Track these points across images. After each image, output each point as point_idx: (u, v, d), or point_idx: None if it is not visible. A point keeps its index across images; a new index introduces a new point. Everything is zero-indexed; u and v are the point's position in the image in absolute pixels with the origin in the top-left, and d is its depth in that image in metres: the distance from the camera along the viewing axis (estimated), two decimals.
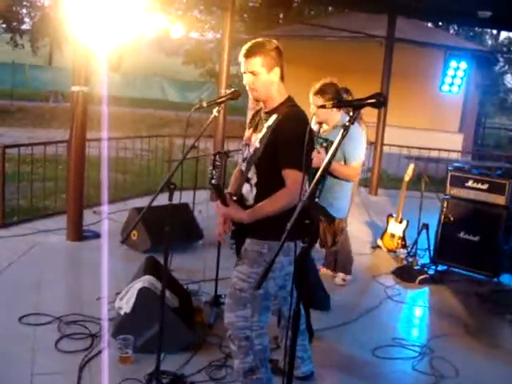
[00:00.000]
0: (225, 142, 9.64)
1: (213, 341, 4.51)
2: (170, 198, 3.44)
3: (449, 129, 17.07)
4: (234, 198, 3.41)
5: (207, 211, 6.79)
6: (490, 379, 4.46)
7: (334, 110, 4.98)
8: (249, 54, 3.29)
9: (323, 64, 17.08)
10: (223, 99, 3.61)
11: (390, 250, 7.42)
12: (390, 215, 7.51)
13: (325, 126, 5.20)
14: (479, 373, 4.51)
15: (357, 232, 8.39)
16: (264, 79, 3.31)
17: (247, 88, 3.39)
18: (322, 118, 5.06)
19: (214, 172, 3.89)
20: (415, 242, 6.98)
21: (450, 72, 12.21)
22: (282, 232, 2.70)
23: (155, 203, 3.51)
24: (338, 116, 5.12)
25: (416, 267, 6.74)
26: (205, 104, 3.54)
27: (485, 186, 6.55)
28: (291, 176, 3.13)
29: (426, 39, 17.71)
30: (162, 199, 3.50)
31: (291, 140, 3.13)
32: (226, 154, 5.23)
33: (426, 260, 7.02)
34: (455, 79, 12.18)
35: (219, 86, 9.51)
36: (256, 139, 3.35)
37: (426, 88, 16.51)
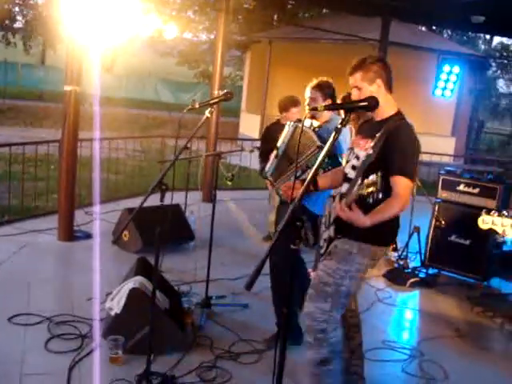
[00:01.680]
0: (217, 143, 9.64)
1: (203, 342, 4.51)
2: (162, 199, 3.43)
3: (441, 133, 17.12)
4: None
5: (199, 212, 6.79)
6: (479, 382, 4.47)
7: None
8: (351, 71, 3.49)
9: (316, 66, 17.07)
10: (215, 100, 3.62)
11: None
12: None
13: (315, 123, 5.18)
14: (468, 376, 4.53)
15: None
16: (367, 92, 3.41)
17: None
18: (313, 113, 5.03)
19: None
20: (406, 245, 7.00)
21: (443, 76, 12.28)
22: (376, 237, 3.39)
23: (147, 204, 3.51)
24: (329, 114, 5.08)
25: (407, 270, 6.76)
26: (197, 105, 3.55)
27: (476, 190, 6.57)
28: (402, 183, 3.28)
29: (419, 43, 17.78)
30: (154, 200, 3.50)
31: (404, 149, 3.33)
32: (218, 155, 5.24)
33: (417, 263, 7.03)
34: (448, 83, 12.24)
35: (212, 87, 9.51)
36: (367, 146, 3.43)
37: (419, 92, 16.55)
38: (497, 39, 39.93)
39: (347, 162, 3.63)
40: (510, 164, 12.83)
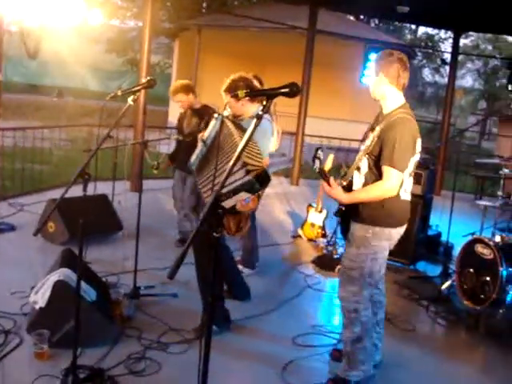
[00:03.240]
0: (146, 131, 9.51)
1: (132, 333, 4.45)
2: (85, 189, 3.35)
3: (370, 120, 17.15)
4: (344, 183, 3.90)
5: (126, 202, 6.68)
6: (409, 363, 4.58)
7: (249, 102, 4.86)
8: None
9: (246, 54, 17.15)
10: (138, 88, 3.55)
11: (310, 240, 7.52)
12: (310, 205, 7.61)
13: None
14: (399, 357, 4.63)
15: (277, 222, 8.47)
16: (373, 82, 3.86)
17: None
18: (238, 111, 4.97)
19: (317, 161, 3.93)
20: (335, 232, 7.08)
21: (370, 64, 12.43)
22: (386, 219, 3.75)
23: (74, 194, 3.42)
24: (254, 109, 4.99)
25: (336, 256, 6.84)
26: (120, 93, 3.48)
27: None
28: (388, 173, 3.63)
29: (346, 32, 18.03)
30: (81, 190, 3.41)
31: (394, 143, 3.61)
32: (144, 144, 5.16)
33: None
34: None
35: (140, 75, 9.35)
36: (370, 137, 3.82)
37: (347, 79, 16.79)
38: (422, 29, 40.88)
39: (359, 151, 3.96)
40: (436, 150, 13.15)
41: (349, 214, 3.89)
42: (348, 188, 3.90)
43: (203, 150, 4.54)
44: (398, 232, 3.90)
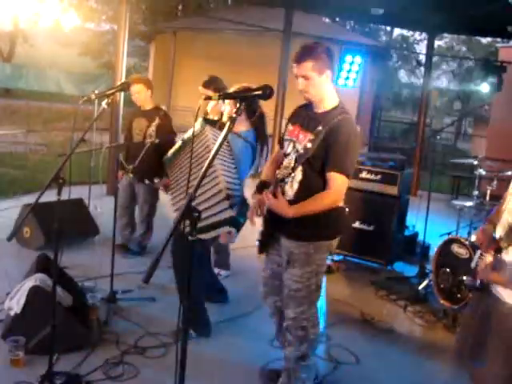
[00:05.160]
0: (121, 135, 9.46)
1: (109, 338, 4.42)
2: (59, 193, 3.33)
3: None
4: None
5: (102, 206, 6.64)
6: (388, 363, 4.62)
7: (224, 103, 4.78)
8: (299, 59, 3.36)
9: (222, 56, 17.13)
10: (112, 91, 3.54)
11: None
12: None
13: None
14: (377, 358, 4.66)
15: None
16: (316, 83, 3.39)
17: (300, 91, 3.47)
18: (216, 113, 4.96)
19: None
20: None
21: (346, 66, 12.50)
22: (324, 233, 3.48)
23: (50, 199, 3.38)
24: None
25: None
26: (93, 96, 3.46)
27: (378, 177, 6.74)
28: (337, 180, 3.33)
29: (322, 34, 18.06)
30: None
31: (343, 147, 3.31)
32: (118, 147, 5.12)
33: None
34: (350, 73, 12.48)
35: (115, 78, 9.30)
36: (306, 139, 3.41)
37: None
38: (397, 31, 41.13)
39: (288, 154, 3.56)
40: (412, 151, 13.26)
41: (278, 230, 3.57)
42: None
43: (179, 149, 4.52)
44: (336, 241, 3.71)
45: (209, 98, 2.45)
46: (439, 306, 5.62)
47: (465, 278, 5.00)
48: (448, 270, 5.53)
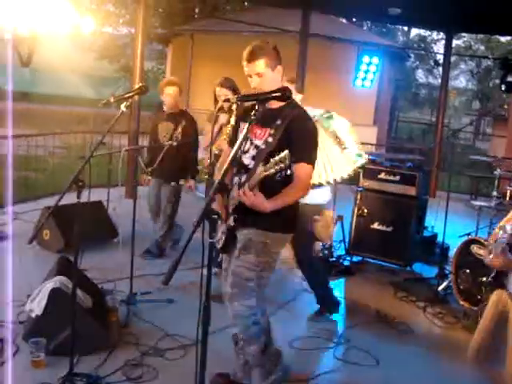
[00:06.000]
0: (140, 137, 9.51)
1: (129, 340, 4.44)
2: (79, 196, 3.35)
3: (363, 122, 17.43)
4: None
5: (121, 208, 6.67)
6: (408, 364, 4.59)
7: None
8: (252, 58, 3.41)
9: (239, 59, 17.08)
10: (130, 94, 3.57)
11: None
12: None
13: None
14: (397, 360, 4.63)
15: None
16: (269, 79, 3.41)
17: (254, 89, 3.42)
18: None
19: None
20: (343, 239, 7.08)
21: (363, 67, 12.49)
22: (284, 225, 3.49)
23: (69, 201, 3.41)
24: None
25: (332, 259, 6.85)
26: (112, 99, 3.48)
27: (396, 178, 6.72)
28: (304, 169, 3.37)
29: (339, 35, 18.04)
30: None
31: (305, 137, 3.38)
32: (138, 150, 5.16)
33: (341, 252, 7.13)
34: (368, 74, 12.47)
35: (133, 81, 9.36)
36: (267, 134, 3.40)
37: (341, 82, 16.81)
38: (414, 31, 40.97)
39: (245, 152, 3.53)
40: (431, 151, 13.18)
41: (241, 224, 3.53)
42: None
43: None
44: (289, 238, 3.72)
45: (227, 101, 2.46)
46: (459, 307, 5.59)
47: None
48: (468, 270, 5.50)
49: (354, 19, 28.12)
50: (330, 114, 4.99)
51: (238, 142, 3.04)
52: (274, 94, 2.30)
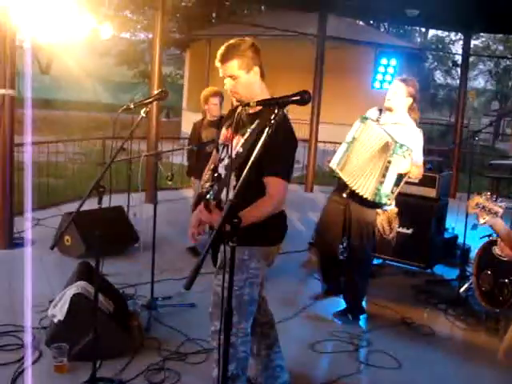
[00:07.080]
0: (159, 143, 9.56)
1: (150, 344, 4.46)
2: (100, 202, 3.38)
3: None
4: (213, 202, 3.18)
5: (141, 214, 6.70)
6: (429, 366, 4.56)
7: None
8: (224, 59, 3.19)
9: None
10: (150, 100, 3.58)
11: None
12: None
13: (389, 118, 5.38)
14: (419, 362, 4.61)
15: (293, 229, 8.43)
16: (244, 81, 3.20)
17: (229, 92, 3.28)
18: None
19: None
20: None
21: (381, 69, 12.46)
22: (260, 238, 3.16)
23: (90, 207, 3.44)
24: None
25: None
26: (132, 105, 3.50)
27: (416, 180, 6.67)
28: (276, 184, 3.08)
29: (356, 37, 18.01)
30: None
31: (279, 148, 3.01)
32: (157, 155, 5.18)
33: None
34: (386, 76, 12.43)
35: (151, 86, 9.41)
36: (238, 143, 3.16)
37: (359, 85, 16.77)
38: (432, 32, 40.78)
39: (222, 160, 3.34)
40: (450, 153, 13.10)
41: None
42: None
43: (347, 149, 5.06)
44: (276, 249, 3.42)
45: (247, 105, 2.46)
46: (481, 308, 5.54)
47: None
48: (489, 272, 5.45)
49: (371, 21, 28.07)
50: (406, 147, 4.89)
51: (215, 150, 2.91)
52: (292, 98, 2.28)
